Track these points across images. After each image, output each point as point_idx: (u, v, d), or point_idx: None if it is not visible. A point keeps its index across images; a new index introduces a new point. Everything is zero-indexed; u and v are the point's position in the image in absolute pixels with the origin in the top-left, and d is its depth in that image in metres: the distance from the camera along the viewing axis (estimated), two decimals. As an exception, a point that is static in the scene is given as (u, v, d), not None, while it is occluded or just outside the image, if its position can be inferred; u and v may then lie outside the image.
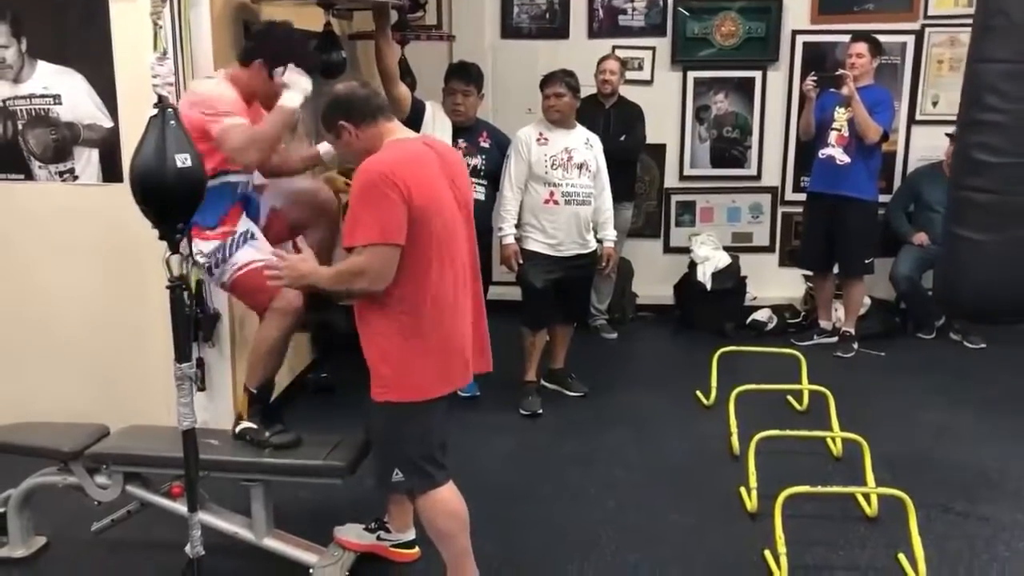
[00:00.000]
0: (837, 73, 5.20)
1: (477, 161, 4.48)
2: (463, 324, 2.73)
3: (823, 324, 5.70)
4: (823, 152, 5.38)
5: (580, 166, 4.43)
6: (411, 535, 3.16)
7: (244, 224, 3.24)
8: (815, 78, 5.26)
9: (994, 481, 3.81)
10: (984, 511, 3.54)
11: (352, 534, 3.13)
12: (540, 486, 3.71)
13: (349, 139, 2.67)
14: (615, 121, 5.44)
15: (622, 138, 5.36)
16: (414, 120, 4.33)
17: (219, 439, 3.11)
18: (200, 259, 3.15)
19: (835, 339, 5.58)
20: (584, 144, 4.49)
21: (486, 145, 4.54)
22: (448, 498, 2.75)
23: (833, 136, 5.33)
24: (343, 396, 4.73)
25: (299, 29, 3.60)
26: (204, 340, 3.85)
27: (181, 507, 2.83)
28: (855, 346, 5.47)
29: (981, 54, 3.46)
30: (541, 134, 4.41)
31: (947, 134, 5.62)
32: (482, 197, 4.41)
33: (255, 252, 3.18)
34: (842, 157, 5.25)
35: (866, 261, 5.42)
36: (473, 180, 4.10)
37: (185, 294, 2.28)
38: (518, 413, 4.48)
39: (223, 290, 3.41)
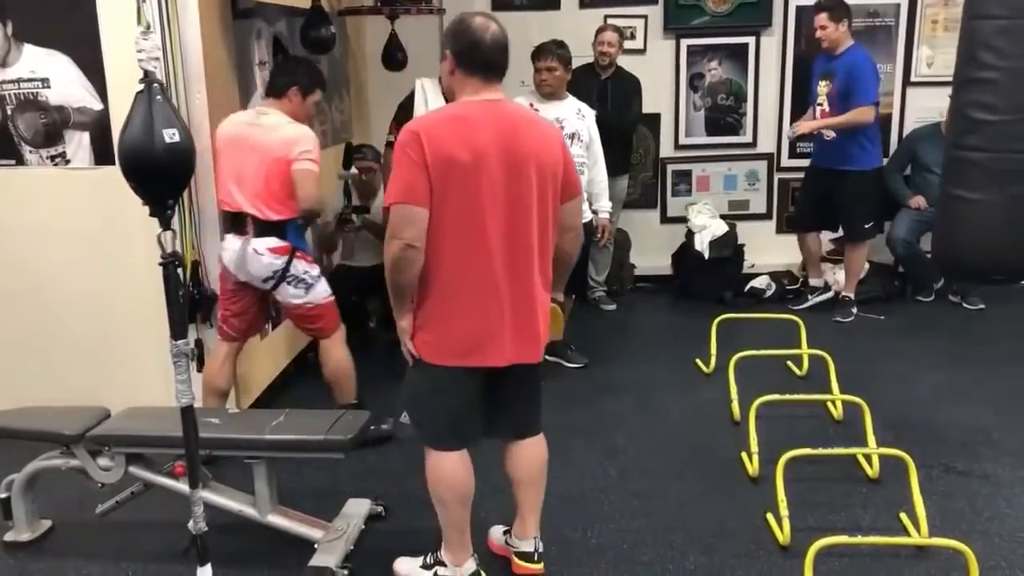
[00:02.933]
0: (802, 134, 5.38)
1: None
2: (505, 303, 2.57)
3: (813, 282, 5.73)
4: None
5: (572, 136, 4.40)
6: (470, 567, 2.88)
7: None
8: (792, 135, 5.53)
9: (995, 440, 3.82)
10: (985, 469, 3.56)
11: (405, 568, 2.95)
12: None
13: (444, 69, 2.62)
14: (612, 93, 5.40)
15: (619, 112, 5.34)
16: (407, 101, 4.31)
17: (220, 418, 3.12)
18: (308, 279, 3.63)
19: (829, 294, 5.61)
20: (576, 114, 4.47)
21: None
22: (449, 466, 2.74)
23: (817, 112, 5.35)
24: (359, 368, 4.73)
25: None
26: (202, 321, 3.84)
27: (184, 486, 2.81)
28: (854, 311, 5.48)
29: (975, 11, 3.43)
30: (532, 105, 4.38)
31: (950, 96, 5.57)
32: None
33: (324, 287, 3.72)
34: (828, 132, 5.24)
35: (866, 226, 5.42)
36: None
37: (180, 272, 2.26)
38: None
39: (302, 309, 3.70)
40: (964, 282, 5.37)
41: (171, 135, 2.16)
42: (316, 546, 2.96)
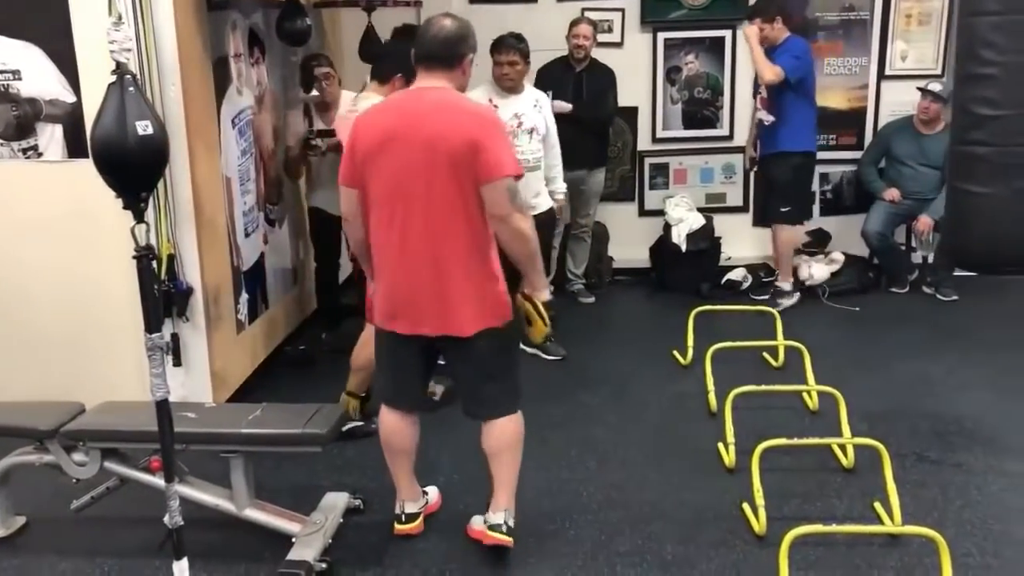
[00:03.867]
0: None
1: None
2: (409, 276, 2.81)
3: (779, 284, 5.72)
4: (756, 114, 5.58)
5: (530, 131, 4.38)
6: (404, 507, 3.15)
7: None
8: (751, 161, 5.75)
9: (967, 429, 3.87)
10: (958, 458, 3.60)
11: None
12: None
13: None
14: (587, 86, 5.40)
15: (593, 106, 5.37)
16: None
17: (196, 412, 3.10)
18: None
19: (796, 299, 5.63)
20: (533, 107, 4.43)
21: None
22: (387, 422, 3.07)
23: (758, 99, 5.50)
24: (321, 367, 4.73)
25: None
26: (178, 315, 3.82)
27: (160, 481, 2.80)
28: (785, 302, 5.47)
29: (972, 7, 3.47)
30: (491, 100, 4.34)
31: (918, 88, 5.65)
32: None
33: None
34: (767, 117, 5.39)
35: (782, 209, 5.48)
36: None
37: (154, 264, 2.24)
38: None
39: None
40: (978, 273, 5.37)
41: (144, 127, 2.13)
42: (293, 540, 2.95)
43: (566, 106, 5.16)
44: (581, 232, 5.76)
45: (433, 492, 3.32)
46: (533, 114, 4.42)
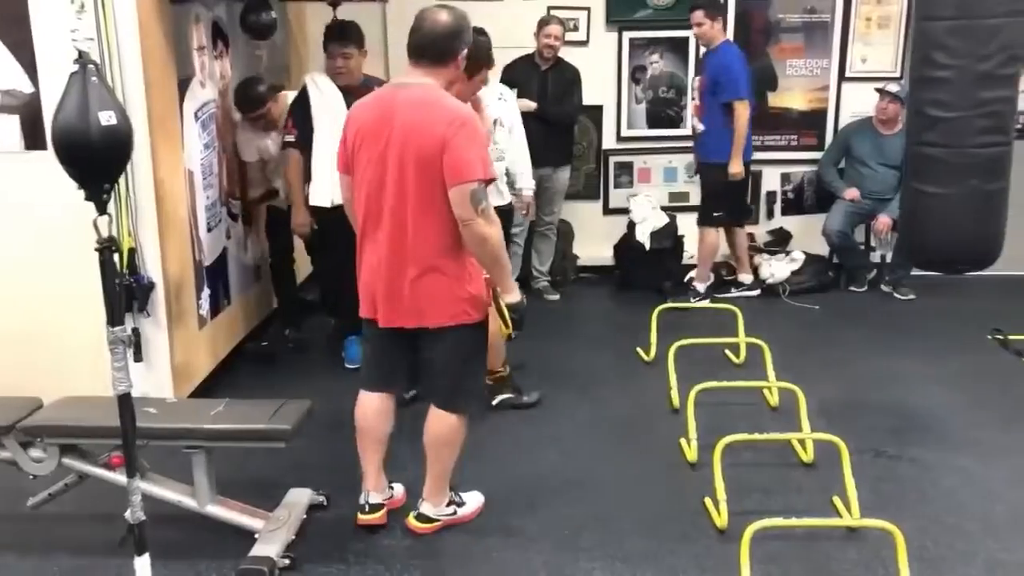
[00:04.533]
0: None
1: None
2: (374, 265, 2.89)
3: (740, 277, 5.86)
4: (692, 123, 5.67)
5: (494, 122, 4.40)
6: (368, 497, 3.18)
7: None
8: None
9: (922, 425, 3.94)
10: (913, 453, 3.67)
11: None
12: (486, 442, 3.73)
13: None
14: (552, 84, 5.42)
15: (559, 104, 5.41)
16: (302, 100, 4.28)
17: (158, 408, 3.06)
18: None
19: (757, 292, 5.73)
20: (497, 99, 4.42)
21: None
22: (361, 403, 3.14)
23: (692, 107, 5.58)
24: (285, 364, 4.70)
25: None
26: (139, 310, 3.76)
27: (120, 477, 2.77)
28: (696, 301, 5.53)
29: (926, 11, 3.54)
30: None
31: (876, 89, 5.75)
32: None
33: None
34: (699, 125, 5.49)
35: (714, 214, 5.57)
36: None
37: (116, 257, 2.21)
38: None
39: None
40: (932, 272, 5.45)
41: (108, 117, 2.10)
42: (256, 536, 2.94)
43: (531, 104, 5.18)
44: (546, 230, 5.78)
45: (399, 488, 3.31)
46: (496, 104, 4.42)
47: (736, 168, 5.30)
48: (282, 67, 5.40)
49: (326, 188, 4.28)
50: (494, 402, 4.08)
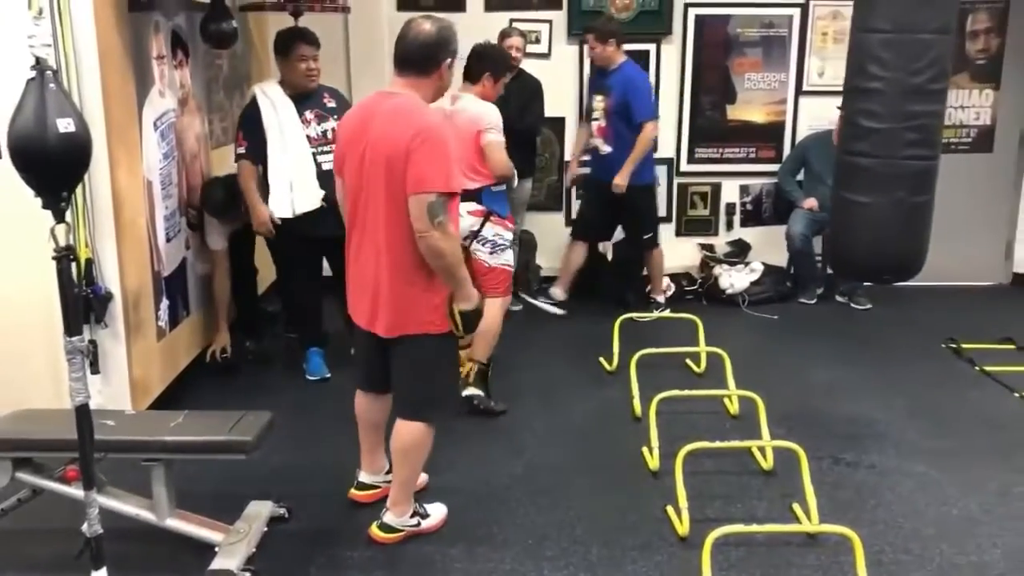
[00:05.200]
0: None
1: (332, 124, 4.33)
2: (359, 271, 2.97)
3: (553, 291, 5.84)
4: (591, 141, 5.61)
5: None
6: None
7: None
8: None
9: (879, 432, 4.01)
10: (871, 460, 3.73)
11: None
12: (449, 453, 3.72)
13: None
14: (513, 95, 5.44)
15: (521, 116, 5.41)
16: (253, 112, 4.27)
17: (115, 420, 3.02)
18: (497, 240, 4.16)
19: (562, 312, 5.74)
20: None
21: (332, 104, 4.43)
22: (357, 402, 3.28)
23: (594, 127, 5.55)
24: (246, 376, 4.65)
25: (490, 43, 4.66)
26: (96, 321, 3.70)
27: (77, 491, 2.73)
28: (658, 312, 5.56)
29: (863, 24, 3.62)
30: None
31: (838, 107, 5.82)
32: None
33: (510, 255, 4.29)
34: (604, 147, 5.49)
35: (645, 237, 5.64)
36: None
37: (73, 267, 2.18)
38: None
39: (482, 267, 4.13)
40: (856, 281, 5.58)
41: (66, 125, 2.08)
42: (216, 549, 2.89)
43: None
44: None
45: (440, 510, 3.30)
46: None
47: (622, 181, 5.31)
48: (243, 76, 5.36)
49: (285, 198, 4.27)
50: (464, 392, 4.09)
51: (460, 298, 2.88)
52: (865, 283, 5.64)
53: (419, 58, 2.82)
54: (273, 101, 4.30)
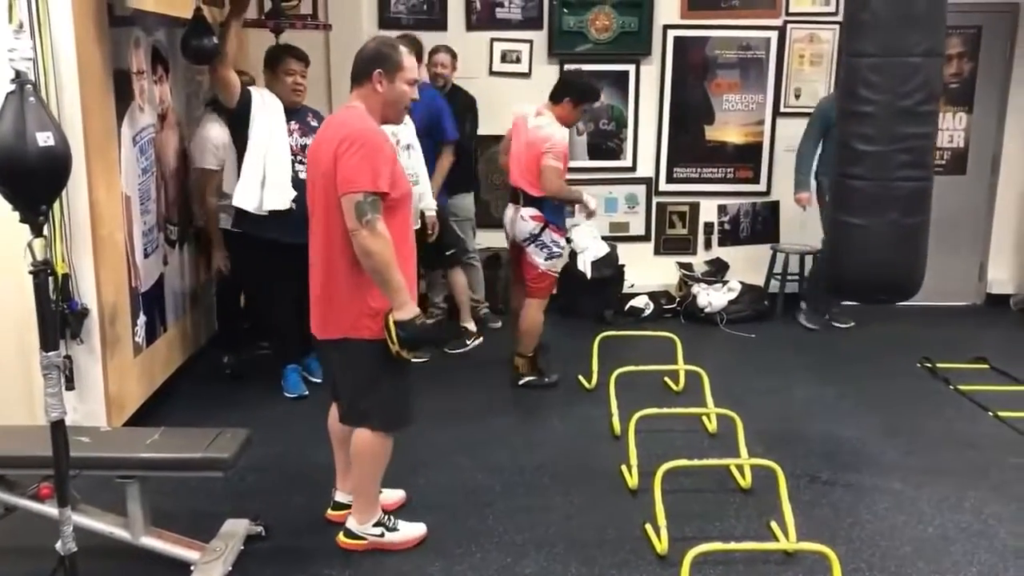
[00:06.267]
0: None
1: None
2: (311, 280, 3.03)
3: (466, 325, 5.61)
4: None
5: (408, 147, 4.54)
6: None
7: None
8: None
9: (856, 451, 4.04)
10: (848, 479, 3.75)
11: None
12: (427, 471, 3.72)
13: None
14: None
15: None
16: (244, 105, 4.26)
17: (90, 436, 2.98)
18: (554, 249, 4.62)
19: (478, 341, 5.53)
20: (404, 124, 4.47)
21: (315, 124, 4.44)
22: (330, 413, 3.28)
23: None
24: (222, 392, 4.63)
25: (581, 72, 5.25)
26: (72, 337, 3.67)
27: (50, 509, 2.70)
28: (472, 344, 5.46)
29: (852, 48, 3.68)
30: None
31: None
32: None
33: (560, 263, 4.77)
34: None
35: (447, 253, 5.36)
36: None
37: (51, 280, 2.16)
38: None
39: (534, 271, 4.63)
40: (853, 302, 5.52)
41: (45, 138, 2.07)
42: (192, 568, 2.87)
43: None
44: (468, 259, 5.79)
45: (392, 494, 3.42)
46: (405, 131, 4.52)
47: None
48: (223, 93, 5.34)
49: (254, 192, 4.25)
50: (520, 383, 4.72)
51: (395, 306, 2.83)
52: (844, 303, 5.60)
53: (356, 71, 2.97)
54: (266, 100, 4.33)
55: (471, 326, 5.56)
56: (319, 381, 4.57)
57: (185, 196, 4.78)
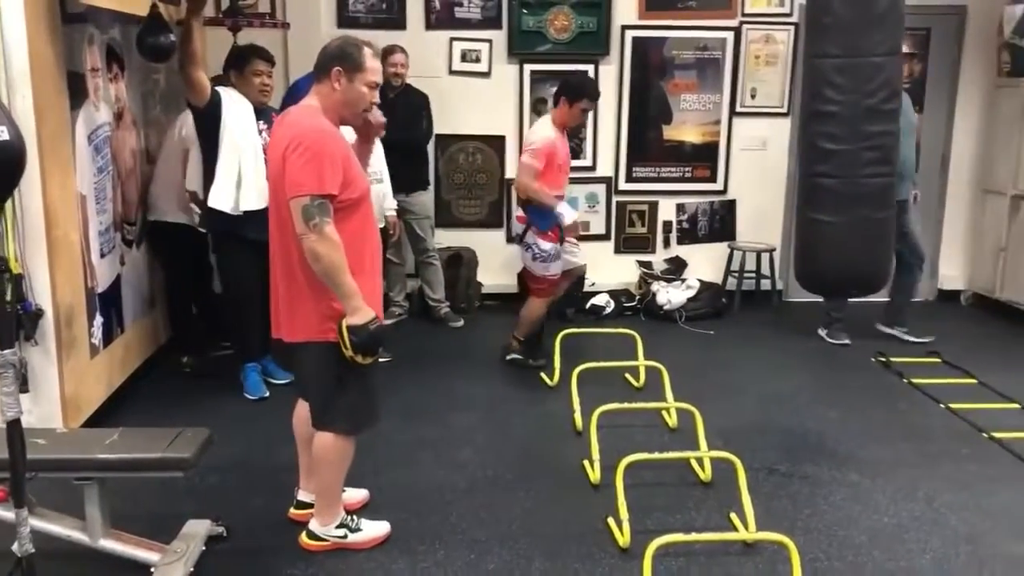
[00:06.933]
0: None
1: None
2: (273, 281, 3.00)
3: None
4: None
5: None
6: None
7: (558, 244, 4.76)
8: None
9: (814, 443, 4.11)
10: (805, 471, 3.82)
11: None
12: (390, 470, 3.71)
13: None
14: (399, 110, 5.38)
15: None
16: (214, 105, 4.23)
17: (47, 438, 2.93)
18: (536, 251, 4.71)
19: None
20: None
21: None
22: (295, 411, 3.29)
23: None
24: (182, 393, 4.57)
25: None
26: (26, 339, 3.61)
27: (6, 511, 2.65)
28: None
29: (816, 50, 3.76)
30: None
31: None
32: None
33: (561, 267, 4.84)
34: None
35: None
36: None
37: (5, 278, 2.13)
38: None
39: (534, 272, 4.81)
40: (824, 297, 5.58)
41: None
42: (153, 570, 2.83)
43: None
44: (427, 258, 5.82)
45: (356, 493, 3.41)
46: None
47: None
48: (180, 91, 5.27)
49: (229, 193, 4.22)
50: (508, 357, 5.03)
51: (347, 310, 2.81)
52: (836, 299, 5.53)
53: (317, 67, 2.92)
54: (235, 100, 4.30)
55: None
56: (280, 382, 4.55)
57: (143, 195, 4.72)
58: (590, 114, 5.47)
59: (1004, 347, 5.29)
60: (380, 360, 3.09)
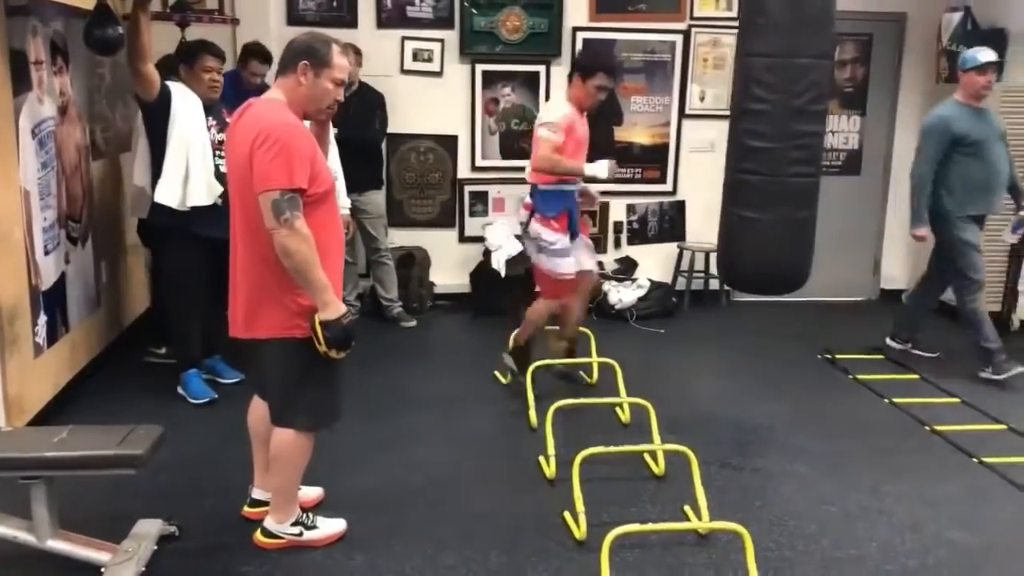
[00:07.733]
0: None
1: None
2: (230, 276, 2.97)
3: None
4: None
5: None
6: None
7: (567, 238, 4.40)
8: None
9: (764, 437, 4.19)
10: (756, 463, 3.89)
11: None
12: (345, 469, 3.69)
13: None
14: (352, 109, 5.37)
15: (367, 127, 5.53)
16: (164, 100, 4.16)
17: (-9, 437, 2.87)
18: (541, 242, 4.37)
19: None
20: None
21: (229, 120, 4.41)
22: (250, 409, 3.26)
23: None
24: (131, 393, 4.49)
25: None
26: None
27: (-51, 512, 2.58)
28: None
29: (748, 48, 3.82)
30: None
31: (986, 62, 4.83)
32: None
33: (572, 265, 4.41)
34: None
35: None
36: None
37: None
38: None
39: (541, 267, 4.44)
40: (746, 293, 5.67)
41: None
42: (103, 570, 2.78)
43: None
44: (380, 258, 5.80)
45: (312, 491, 3.38)
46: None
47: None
48: (127, 86, 5.18)
49: (176, 188, 4.15)
50: (503, 355, 4.72)
51: (319, 305, 2.79)
52: (758, 295, 5.58)
53: (283, 60, 2.88)
54: (183, 95, 4.23)
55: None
56: (228, 382, 4.49)
57: (88, 192, 4.63)
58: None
59: (944, 344, 5.44)
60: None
